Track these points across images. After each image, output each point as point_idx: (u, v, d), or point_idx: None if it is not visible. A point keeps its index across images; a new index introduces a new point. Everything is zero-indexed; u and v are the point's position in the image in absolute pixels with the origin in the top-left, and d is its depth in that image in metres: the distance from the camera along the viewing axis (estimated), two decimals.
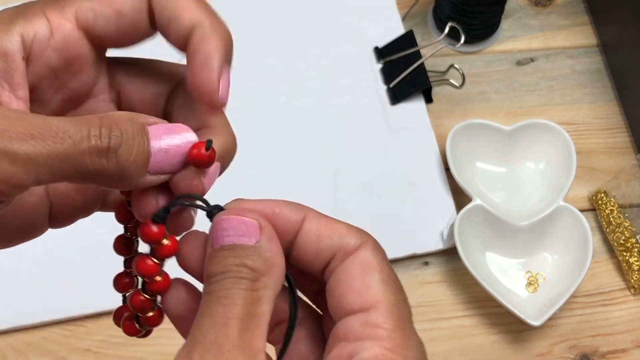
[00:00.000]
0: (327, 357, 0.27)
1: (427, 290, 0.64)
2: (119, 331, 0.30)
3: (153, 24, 0.29)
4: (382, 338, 0.26)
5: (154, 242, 0.28)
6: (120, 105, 0.31)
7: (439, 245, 0.64)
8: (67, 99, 0.29)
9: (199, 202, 0.28)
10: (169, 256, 0.29)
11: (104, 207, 0.32)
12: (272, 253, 0.27)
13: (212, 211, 0.28)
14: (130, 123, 0.25)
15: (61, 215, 0.31)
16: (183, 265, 0.28)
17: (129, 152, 0.25)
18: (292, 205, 0.29)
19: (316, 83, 0.72)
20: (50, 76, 0.28)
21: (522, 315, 0.58)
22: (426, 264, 0.65)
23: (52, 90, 0.29)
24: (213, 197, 0.28)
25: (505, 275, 0.63)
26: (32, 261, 0.62)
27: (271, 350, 0.29)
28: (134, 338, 0.30)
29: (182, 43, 0.28)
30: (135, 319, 0.30)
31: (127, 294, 0.30)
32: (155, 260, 0.28)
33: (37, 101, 0.28)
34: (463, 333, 0.62)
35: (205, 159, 0.27)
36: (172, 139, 0.26)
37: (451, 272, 0.64)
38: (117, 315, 0.31)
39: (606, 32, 0.76)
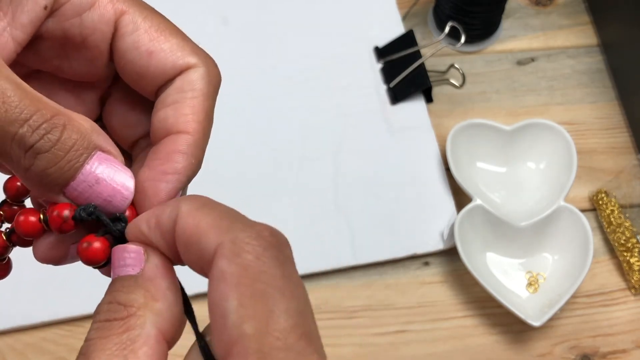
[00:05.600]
0: None
1: (428, 290, 0.64)
2: None
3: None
4: None
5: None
6: None
7: (439, 246, 0.64)
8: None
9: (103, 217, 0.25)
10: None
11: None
12: (155, 283, 0.23)
13: (113, 233, 0.25)
14: (81, 135, 0.23)
15: None
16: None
17: (51, 162, 0.22)
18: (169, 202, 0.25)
19: (316, 83, 0.72)
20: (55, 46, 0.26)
21: (522, 316, 0.58)
22: (426, 264, 0.65)
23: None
24: (212, 196, 0.27)
25: (505, 275, 0.63)
26: (31, 261, 0.62)
27: None
28: None
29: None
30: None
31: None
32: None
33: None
34: (463, 333, 0.62)
35: (93, 257, 0.25)
36: (112, 174, 0.24)
37: (451, 273, 0.64)
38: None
39: (607, 31, 0.76)
